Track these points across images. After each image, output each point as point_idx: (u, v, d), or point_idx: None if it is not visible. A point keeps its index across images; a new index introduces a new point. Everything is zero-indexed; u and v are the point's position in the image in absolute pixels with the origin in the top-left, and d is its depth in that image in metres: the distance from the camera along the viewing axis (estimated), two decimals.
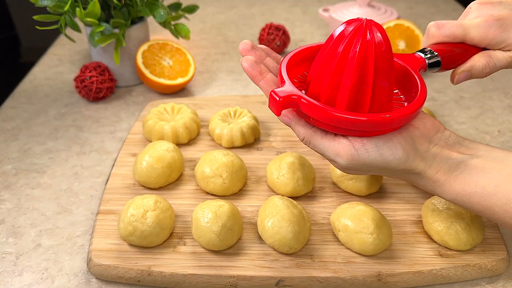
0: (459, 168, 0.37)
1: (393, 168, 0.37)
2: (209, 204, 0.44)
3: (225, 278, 0.41)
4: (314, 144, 0.37)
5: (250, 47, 0.41)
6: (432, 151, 0.37)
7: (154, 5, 0.66)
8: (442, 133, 0.39)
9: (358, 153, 0.36)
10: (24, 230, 0.47)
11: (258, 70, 0.40)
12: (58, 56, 0.84)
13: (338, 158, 0.36)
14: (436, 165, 0.37)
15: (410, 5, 1.08)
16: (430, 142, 0.38)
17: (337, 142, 0.36)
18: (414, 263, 0.42)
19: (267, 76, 0.40)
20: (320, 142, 0.37)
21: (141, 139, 0.59)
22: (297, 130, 0.38)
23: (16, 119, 0.65)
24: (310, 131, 0.37)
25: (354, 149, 0.36)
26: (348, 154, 0.36)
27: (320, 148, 0.37)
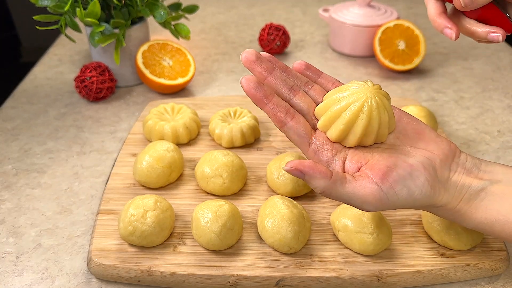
0: (479, 196, 0.36)
1: (419, 205, 0.36)
2: (209, 204, 0.44)
3: (225, 278, 0.41)
4: (336, 195, 0.34)
5: (254, 58, 0.37)
6: (453, 180, 0.37)
7: (154, 5, 0.66)
8: (458, 157, 0.38)
9: (387, 196, 0.34)
10: (24, 230, 0.47)
11: (262, 93, 0.36)
12: (58, 56, 0.84)
13: (365, 205, 0.34)
14: (458, 194, 0.36)
15: (410, 5, 1.08)
16: (450, 170, 0.37)
17: (362, 187, 0.34)
18: (414, 263, 0.42)
19: (274, 99, 0.36)
20: (344, 191, 0.34)
21: (141, 139, 0.59)
22: (314, 184, 0.34)
23: (16, 119, 0.65)
24: (329, 182, 0.34)
25: (383, 193, 0.34)
26: (377, 200, 0.34)
27: (345, 198, 0.35)
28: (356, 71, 0.79)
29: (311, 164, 0.34)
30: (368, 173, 0.35)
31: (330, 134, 0.37)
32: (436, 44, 0.88)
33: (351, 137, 0.37)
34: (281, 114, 0.36)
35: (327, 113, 0.37)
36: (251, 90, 0.36)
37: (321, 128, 0.38)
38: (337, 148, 0.37)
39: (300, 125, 0.37)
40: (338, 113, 0.36)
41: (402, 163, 0.36)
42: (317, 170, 0.34)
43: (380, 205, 0.34)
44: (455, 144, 0.39)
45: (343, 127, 0.36)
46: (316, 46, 0.89)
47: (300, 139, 0.37)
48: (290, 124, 0.36)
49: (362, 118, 0.36)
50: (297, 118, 0.37)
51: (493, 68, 0.80)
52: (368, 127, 0.36)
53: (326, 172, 0.34)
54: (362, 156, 0.37)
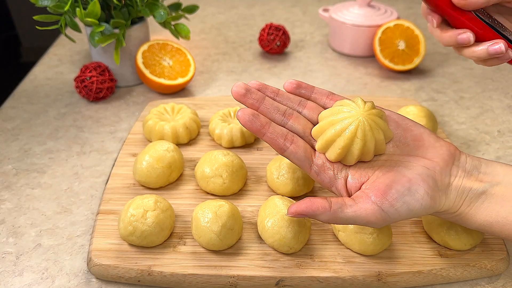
0: (480, 198, 0.37)
1: (419, 215, 0.37)
2: (209, 204, 0.44)
3: (225, 278, 0.41)
4: (341, 221, 0.36)
5: (244, 91, 0.39)
6: (454, 185, 0.37)
7: (154, 5, 0.66)
8: (458, 160, 0.38)
9: (388, 214, 0.36)
10: (24, 230, 0.47)
11: (259, 124, 0.37)
12: (58, 56, 0.84)
13: (370, 224, 0.36)
14: (459, 199, 0.37)
15: (410, 5, 1.08)
16: (450, 175, 0.38)
17: (363, 210, 0.36)
18: (414, 263, 0.42)
19: (270, 128, 0.38)
20: (347, 217, 0.36)
21: (141, 139, 0.59)
22: (318, 219, 0.37)
23: (16, 119, 0.65)
24: (330, 213, 0.36)
25: (383, 212, 0.36)
26: (379, 219, 0.36)
27: (350, 222, 0.36)
28: (356, 71, 0.79)
29: (308, 204, 0.36)
30: (369, 193, 0.36)
31: (329, 156, 0.39)
32: (436, 44, 0.88)
33: (349, 158, 0.38)
34: (280, 141, 0.38)
35: (323, 137, 0.38)
36: (247, 123, 0.37)
37: (319, 150, 0.39)
38: (338, 167, 0.39)
39: (299, 149, 0.38)
40: (333, 138, 0.38)
41: (401, 178, 0.36)
42: (315, 207, 0.36)
43: (383, 223, 0.36)
44: (455, 146, 0.39)
45: (340, 151, 0.38)
46: (316, 46, 0.89)
47: (301, 163, 0.38)
48: (290, 150, 0.38)
49: (357, 143, 0.37)
50: (296, 142, 0.38)
51: (493, 68, 0.80)
52: (364, 148, 0.37)
53: (324, 206, 0.36)
54: (363, 172, 0.38)
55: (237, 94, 0.39)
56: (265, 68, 0.80)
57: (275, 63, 0.82)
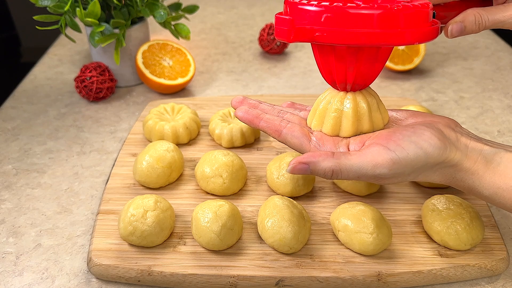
0: (495, 160, 0.35)
1: (433, 162, 0.34)
2: (209, 204, 0.44)
3: (225, 278, 0.41)
4: (346, 168, 0.34)
5: (242, 98, 0.42)
6: (462, 141, 0.36)
7: (154, 5, 0.66)
8: (461, 128, 0.38)
9: (396, 153, 0.33)
10: (24, 230, 0.47)
11: (254, 115, 0.39)
12: (58, 56, 0.84)
13: (379, 169, 0.34)
14: (472, 155, 0.35)
15: None
16: (456, 132, 0.36)
17: (369, 153, 0.34)
18: (414, 263, 0.42)
19: (265, 116, 0.39)
20: (352, 163, 0.34)
21: (141, 139, 0.59)
22: (320, 168, 0.34)
23: (16, 119, 0.65)
24: (333, 160, 0.34)
25: (390, 151, 0.34)
26: (387, 160, 0.33)
27: (355, 169, 0.34)
28: None
29: (310, 153, 0.35)
30: (372, 142, 0.36)
31: (325, 130, 0.39)
32: (436, 44, 0.88)
33: (345, 125, 0.38)
34: (275, 125, 0.39)
35: (316, 114, 0.40)
36: (244, 115, 0.39)
37: (315, 127, 0.40)
38: (337, 139, 0.39)
39: (295, 127, 0.39)
40: (324, 109, 0.39)
41: (404, 128, 0.36)
42: (318, 154, 0.35)
43: (393, 166, 0.33)
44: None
45: (333, 121, 0.38)
46: None
47: (299, 140, 0.38)
48: (286, 130, 0.38)
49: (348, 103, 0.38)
50: (291, 124, 0.39)
51: (493, 68, 0.80)
52: (356, 111, 0.38)
53: (326, 153, 0.35)
54: (364, 137, 0.38)
55: (235, 102, 0.42)
56: (265, 68, 0.80)
57: (275, 63, 0.82)
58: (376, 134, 0.37)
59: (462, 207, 0.44)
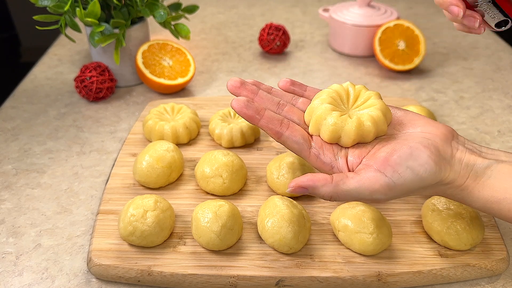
0: (485, 173, 0.36)
1: (427, 184, 0.35)
2: (209, 204, 0.44)
3: (225, 278, 0.41)
4: (345, 195, 0.35)
5: (239, 84, 0.40)
6: (457, 157, 0.36)
7: (154, 5, 0.66)
8: (457, 138, 0.38)
9: (393, 180, 0.34)
10: (24, 230, 0.47)
11: (253, 110, 0.38)
12: (58, 56, 0.84)
13: (375, 194, 0.35)
14: (464, 172, 0.36)
15: (410, 5, 1.08)
16: (452, 147, 0.37)
17: (366, 178, 0.35)
18: (414, 263, 0.42)
19: (266, 113, 0.38)
20: (350, 188, 0.35)
21: (141, 139, 0.59)
22: (319, 193, 0.35)
23: (16, 119, 0.65)
24: (332, 186, 0.35)
25: (387, 178, 0.34)
26: (384, 187, 0.34)
27: (354, 195, 0.35)
28: (356, 71, 0.79)
29: (309, 176, 0.36)
30: (370, 163, 0.36)
31: (322, 136, 0.38)
32: (436, 44, 0.88)
33: (345, 139, 0.37)
34: (276, 126, 0.37)
35: (313, 117, 0.38)
36: (242, 109, 0.37)
37: (312, 132, 0.39)
38: (336, 148, 0.38)
39: (297, 132, 0.38)
40: (320, 118, 0.38)
41: (402, 146, 0.36)
42: (317, 179, 0.35)
43: (390, 192, 0.35)
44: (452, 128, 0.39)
45: (332, 128, 0.37)
46: (316, 46, 0.89)
47: (299, 146, 0.37)
48: (286, 134, 0.37)
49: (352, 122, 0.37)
50: (293, 126, 0.38)
51: (493, 68, 0.80)
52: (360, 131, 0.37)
53: (325, 179, 0.35)
54: (363, 149, 0.38)
55: (232, 86, 0.40)
56: (265, 68, 0.80)
57: (275, 63, 0.82)
58: (374, 151, 0.37)
59: (462, 207, 0.44)
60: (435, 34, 0.92)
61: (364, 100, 0.40)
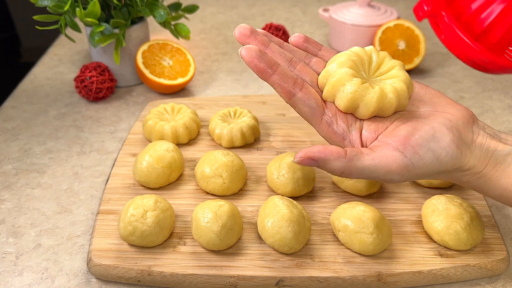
0: (506, 161, 0.34)
1: (445, 169, 0.33)
2: (209, 204, 0.44)
3: (225, 278, 0.41)
4: (357, 171, 0.32)
5: (249, 33, 0.35)
6: (478, 142, 0.34)
7: (154, 5, 0.66)
8: (477, 123, 0.36)
9: (412, 162, 0.32)
10: (24, 230, 0.47)
11: (266, 63, 0.33)
12: (58, 56, 0.84)
13: (390, 175, 0.32)
14: (484, 157, 0.34)
15: (410, 5, 1.08)
16: (473, 132, 0.35)
17: (384, 157, 0.32)
18: (414, 263, 0.42)
19: (279, 69, 0.33)
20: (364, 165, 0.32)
21: (141, 139, 0.59)
22: (330, 167, 0.32)
23: (16, 119, 0.65)
24: (345, 161, 0.32)
25: (406, 159, 0.32)
26: (401, 168, 0.32)
27: (367, 173, 0.32)
28: None
29: (321, 148, 0.32)
30: (388, 140, 0.33)
31: (338, 104, 0.34)
32: (436, 44, 0.88)
33: (363, 110, 0.34)
34: (289, 84, 0.33)
35: (330, 81, 0.34)
36: (253, 60, 0.32)
37: (326, 97, 0.35)
38: (351, 119, 0.35)
39: (310, 95, 0.34)
40: (338, 83, 0.34)
41: (424, 125, 0.33)
42: (329, 152, 0.32)
43: (406, 173, 0.32)
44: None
45: (351, 96, 0.33)
46: None
47: (311, 110, 0.34)
48: (299, 95, 0.33)
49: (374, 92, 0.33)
50: (307, 88, 0.34)
51: None
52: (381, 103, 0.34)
53: (339, 152, 0.32)
54: (379, 124, 0.35)
55: (240, 34, 0.35)
56: None
57: None
58: (393, 128, 0.34)
59: (462, 207, 0.44)
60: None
61: (387, 70, 0.36)
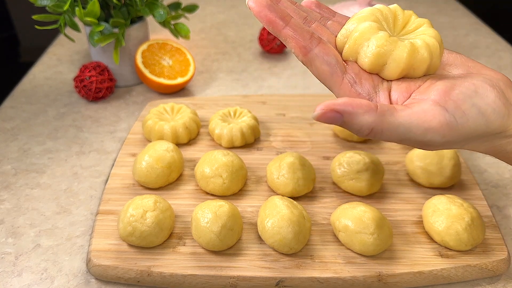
0: None
1: (491, 131, 0.29)
2: (209, 204, 0.44)
3: (225, 279, 0.41)
4: (390, 129, 0.28)
5: None
6: None
7: (154, 4, 0.66)
8: None
9: (455, 118, 0.28)
10: (23, 230, 0.47)
11: (277, 13, 0.29)
12: (57, 56, 0.84)
13: (431, 134, 0.28)
14: None
15: (410, 5, 1.08)
16: None
17: (422, 111, 0.28)
18: (415, 264, 0.42)
19: (292, 20, 0.29)
20: (399, 121, 0.27)
21: (141, 139, 0.59)
22: (358, 122, 0.27)
23: (15, 119, 0.65)
24: (376, 115, 0.27)
25: (449, 114, 0.28)
26: (443, 124, 0.27)
27: (401, 131, 0.28)
28: None
29: (347, 100, 0.27)
30: (424, 97, 0.29)
31: (362, 62, 0.31)
32: None
33: (392, 67, 0.30)
34: (305, 38, 0.29)
35: (353, 35, 0.30)
36: (263, 9, 0.29)
37: (347, 56, 0.31)
38: (377, 78, 0.31)
39: (329, 50, 0.30)
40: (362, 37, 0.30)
41: (464, 82, 0.29)
42: (357, 104, 0.27)
43: (448, 131, 0.28)
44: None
45: (378, 50, 0.29)
46: None
47: (331, 68, 0.29)
48: (316, 50, 0.29)
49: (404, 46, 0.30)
50: (324, 44, 0.30)
51: (494, 67, 0.80)
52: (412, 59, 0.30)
53: (369, 105, 0.27)
54: (411, 83, 0.31)
55: None
56: (265, 68, 0.80)
57: (275, 62, 0.82)
58: (428, 85, 0.30)
59: (463, 208, 0.44)
60: None
61: (415, 28, 0.32)
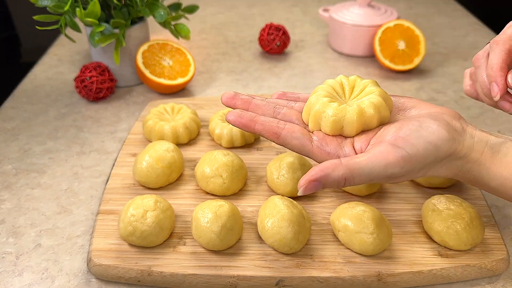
0: (501, 150, 0.35)
1: (443, 155, 0.34)
2: (209, 204, 0.44)
3: (225, 278, 0.41)
4: (358, 173, 0.33)
5: (233, 94, 0.40)
6: (469, 131, 0.35)
7: (154, 5, 0.66)
8: (464, 120, 0.37)
9: (406, 150, 0.33)
10: (24, 230, 0.47)
11: (247, 118, 0.37)
12: (58, 56, 0.84)
13: (390, 168, 0.33)
14: (478, 146, 0.35)
15: (410, 5, 1.08)
16: (461, 124, 0.36)
17: (378, 152, 0.33)
18: (414, 263, 0.42)
19: (260, 118, 0.37)
20: (362, 165, 0.33)
21: (141, 139, 0.59)
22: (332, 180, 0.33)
23: (16, 119, 0.65)
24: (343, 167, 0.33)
25: (400, 149, 0.33)
26: (397, 158, 0.33)
27: (366, 172, 0.33)
28: (356, 71, 0.79)
29: (316, 168, 0.33)
30: (379, 140, 0.35)
31: (324, 130, 0.37)
32: (436, 44, 0.88)
33: (348, 129, 0.36)
34: (273, 127, 0.37)
35: (312, 112, 0.38)
36: (237, 119, 0.37)
37: (312, 128, 0.38)
38: (340, 138, 0.37)
39: (295, 128, 0.37)
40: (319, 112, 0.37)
41: (410, 121, 0.35)
42: (325, 167, 0.33)
43: (404, 163, 0.33)
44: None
45: (333, 119, 0.36)
46: (316, 46, 0.89)
47: (299, 141, 0.36)
48: (284, 132, 0.36)
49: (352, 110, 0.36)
50: (290, 125, 0.37)
51: None
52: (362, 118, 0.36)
53: (334, 162, 0.33)
54: (369, 133, 0.37)
55: (226, 98, 0.40)
56: (265, 68, 0.80)
57: (275, 63, 0.82)
58: (382, 131, 0.36)
59: (462, 207, 0.44)
60: (435, 34, 0.92)
61: (361, 89, 0.39)
